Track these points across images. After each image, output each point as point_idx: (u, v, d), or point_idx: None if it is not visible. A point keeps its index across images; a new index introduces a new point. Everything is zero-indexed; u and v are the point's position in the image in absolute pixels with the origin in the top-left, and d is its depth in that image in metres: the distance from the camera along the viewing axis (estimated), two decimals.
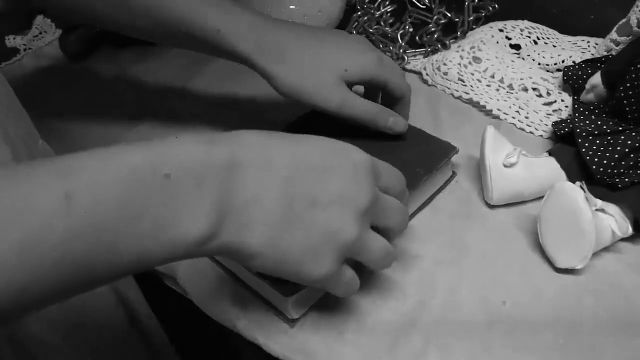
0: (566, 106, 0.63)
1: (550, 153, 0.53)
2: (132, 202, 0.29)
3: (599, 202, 0.46)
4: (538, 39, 0.74)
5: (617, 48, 0.63)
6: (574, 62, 0.66)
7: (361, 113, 0.52)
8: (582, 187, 0.45)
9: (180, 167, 0.31)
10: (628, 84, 0.51)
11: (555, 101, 0.63)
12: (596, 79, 0.58)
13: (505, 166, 0.50)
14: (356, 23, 0.76)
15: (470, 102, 0.64)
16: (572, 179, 0.51)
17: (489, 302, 0.45)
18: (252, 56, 0.50)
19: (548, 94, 0.64)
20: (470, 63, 0.66)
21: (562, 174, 0.51)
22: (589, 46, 0.72)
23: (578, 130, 0.51)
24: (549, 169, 0.51)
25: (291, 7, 0.70)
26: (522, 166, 0.50)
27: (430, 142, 0.54)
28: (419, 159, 0.52)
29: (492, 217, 0.52)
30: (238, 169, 0.32)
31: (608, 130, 0.50)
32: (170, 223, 0.30)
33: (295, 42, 0.51)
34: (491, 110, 0.62)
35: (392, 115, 0.53)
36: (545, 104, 0.63)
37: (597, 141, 0.50)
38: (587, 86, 0.59)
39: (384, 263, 0.40)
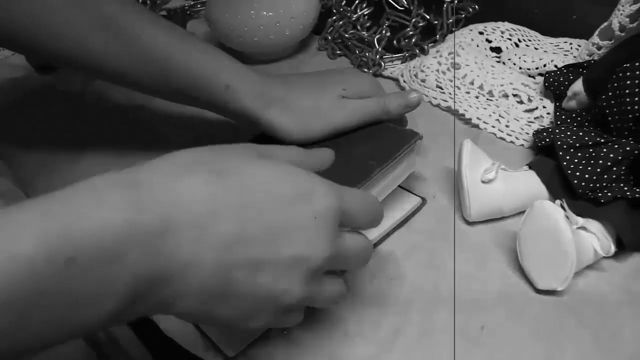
0: (548, 113, 0.61)
1: (531, 166, 0.51)
2: (22, 300, 0.22)
3: (580, 220, 0.44)
4: (519, 41, 0.72)
5: (599, 52, 0.61)
6: (555, 66, 0.64)
7: (367, 115, 0.51)
8: (562, 206, 0.43)
9: (90, 246, 0.24)
10: (610, 93, 0.49)
11: (536, 108, 0.61)
12: (578, 86, 0.56)
13: (484, 182, 0.48)
14: (331, 28, 0.73)
15: (449, 110, 0.62)
16: (553, 193, 0.49)
17: (467, 327, 0.43)
18: (258, 111, 0.48)
19: (529, 100, 0.62)
20: (448, 69, 0.64)
21: (543, 188, 0.49)
22: (571, 48, 0.70)
23: (559, 142, 0.49)
24: (530, 183, 0.49)
25: (264, 13, 0.67)
26: (501, 181, 0.48)
27: (392, 132, 0.51)
28: (376, 150, 0.48)
29: (470, 235, 0.49)
30: (171, 234, 0.27)
31: (590, 143, 0.48)
32: (76, 308, 0.24)
33: (298, 92, 0.50)
34: (470, 119, 0.60)
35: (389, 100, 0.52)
36: (526, 111, 0.61)
37: (579, 154, 0.48)
38: (569, 93, 0.57)
39: (332, 305, 0.37)
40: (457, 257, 0.48)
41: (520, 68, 0.66)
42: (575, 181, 0.47)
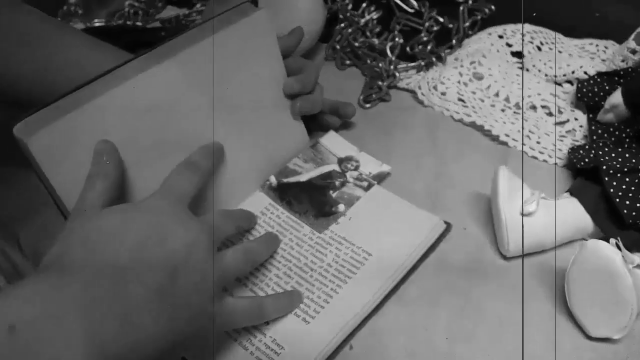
0: (580, 126, 0.56)
1: (572, 192, 0.46)
2: None
3: (637, 259, 0.39)
4: (542, 44, 0.67)
5: (634, 58, 0.56)
6: (585, 73, 0.59)
7: None
8: (618, 245, 0.38)
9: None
10: None
11: (567, 120, 0.56)
12: (616, 98, 0.51)
13: (523, 215, 0.43)
14: (340, 36, 0.68)
15: (473, 125, 0.57)
16: (598, 223, 0.44)
17: None
18: None
19: (560, 112, 0.57)
20: (470, 80, 0.59)
21: (588, 218, 0.44)
22: (598, 50, 0.65)
23: (604, 167, 0.44)
24: (572, 212, 0.45)
25: None
26: (542, 212, 0.44)
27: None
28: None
29: (508, 271, 0.45)
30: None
31: (639, 167, 0.44)
32: None
33: None
34: (498, 136, 0.55)
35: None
36: (556, 124, 0.56)
37: (627, 179, 0.44)
38: (607, 105, 0.52)
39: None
40: (495, 297, 0.43)
41: (546, 75, 0.61)
42: (625, 210, 0.43)
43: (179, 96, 0.43)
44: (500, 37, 0.67)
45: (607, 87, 0.54)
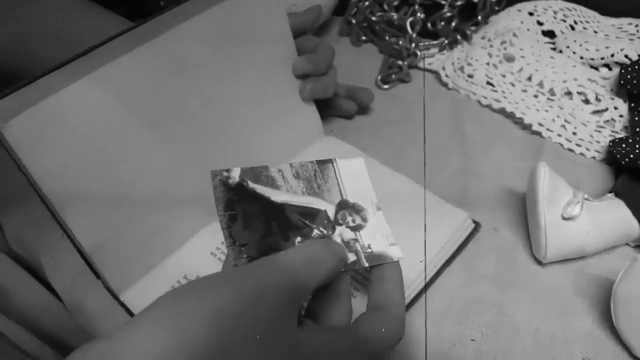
0: (620, 115, 0.51)
1: (617, 193, 0.41)
2: None
3: None
4: (575, 23, 0.61)
5: None
6: (626, 56, 0.54)
7: None
8: None
9: None
10: None
11: (606, 109, 0.51)
12: None
13: (565, 218, 0.38)
14: (355, 9, 0.62)
15: (502, 112, 0.52)
16: None
17: None
18: None
19: (597, 99, 0.52)
20: (501, 62, 0.53)
21: (635, 222, 0.40)
22: (638, 31, 0.59)
23: None
24: (617, 216, 0.40)
25: None
26: (585, 215, 0.39)
27: None
28: None
29: (544, 279, 0.40)
30: None
31: None
32: None
33: None
34: (530, 125, 0.50)
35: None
36: (594, 113, 0.51)
37: None
38: None
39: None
40: (530, 309, 0.39)
41: (581, 58, 0.55)
42: None
43: (175, 75, 0.38)
44: (531, 14, 0.61)
45: None
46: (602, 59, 0.55)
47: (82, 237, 0.37)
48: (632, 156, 0.43)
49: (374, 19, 0.61)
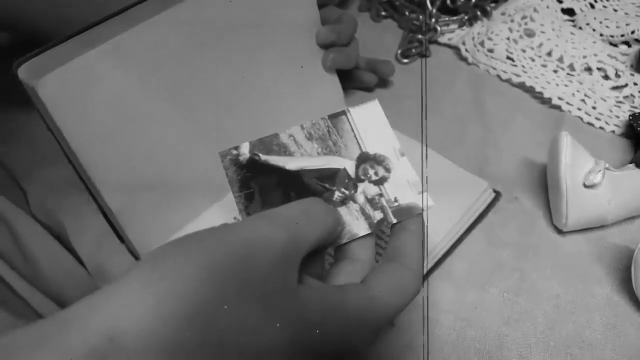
0: (639, 91, 0.51)
1: (637, 164, 0.42)
2: None
3: None
4: (595, 1, 0.61)
5: None
6: None
7: None
8: None
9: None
10: None
11: (626, 85, 0.51)
12: None
13: (586, 186, 0.39)
14: None
15: (522, 86, 0.52)
16: None
17: None
18: None
19: (617, 75, 0.52)
20: (521, 37, 0.53)
21: None
22: None
23: None
24: (637, 185, 0.40)
25: None
26: (607, 184, 0.39)
27: None
28: None
29: (564, 247, 0.41)
30: None
31: None
32: None
33: None
34: (550, 99, 0.50)
35: None
36: (613, 88, 0.51)
37: None
38: None
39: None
40: (550, 276, 0.39)
41: (601, 35, 0.55)
42: None
43: (200, 41, 0.38)
44: None
45: None
46: (622, 36, 0.55)
47: (110, 198, 0.38)
48: None
49: None
